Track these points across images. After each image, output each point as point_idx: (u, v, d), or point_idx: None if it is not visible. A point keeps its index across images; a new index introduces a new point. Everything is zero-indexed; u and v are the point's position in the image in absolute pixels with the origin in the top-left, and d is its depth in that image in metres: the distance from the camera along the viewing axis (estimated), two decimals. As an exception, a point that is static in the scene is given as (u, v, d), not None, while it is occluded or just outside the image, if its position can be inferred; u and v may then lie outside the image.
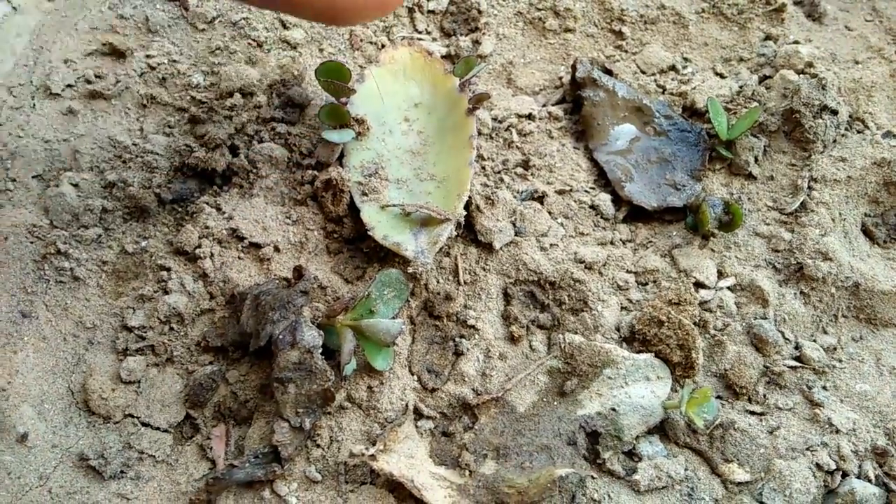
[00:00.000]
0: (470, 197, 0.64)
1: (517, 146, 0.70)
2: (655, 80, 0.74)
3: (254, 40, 0.72)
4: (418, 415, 0.58)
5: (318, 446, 0.55)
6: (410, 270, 0.59)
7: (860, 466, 0.57)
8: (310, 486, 0.55)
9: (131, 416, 0.57)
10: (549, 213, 0.67)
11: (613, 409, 0.56)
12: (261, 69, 0.71)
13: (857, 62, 0.75)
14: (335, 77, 0.65)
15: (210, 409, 0.58)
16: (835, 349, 0.63)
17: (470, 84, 0.69)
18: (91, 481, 0.55)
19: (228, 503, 0.54)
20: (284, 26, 0.73)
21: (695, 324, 0.60)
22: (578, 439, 0.55)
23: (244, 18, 0.72)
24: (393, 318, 0.59)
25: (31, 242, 0.62)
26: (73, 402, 0.57)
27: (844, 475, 0.56)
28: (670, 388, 0.57)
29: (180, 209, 0.65)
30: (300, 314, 0.56)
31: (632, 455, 0.57)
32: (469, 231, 0.65)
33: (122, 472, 0.55)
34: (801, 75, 0.69)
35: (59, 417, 0.57)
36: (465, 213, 0.62)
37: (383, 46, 0.76)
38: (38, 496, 0.53)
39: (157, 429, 0.57)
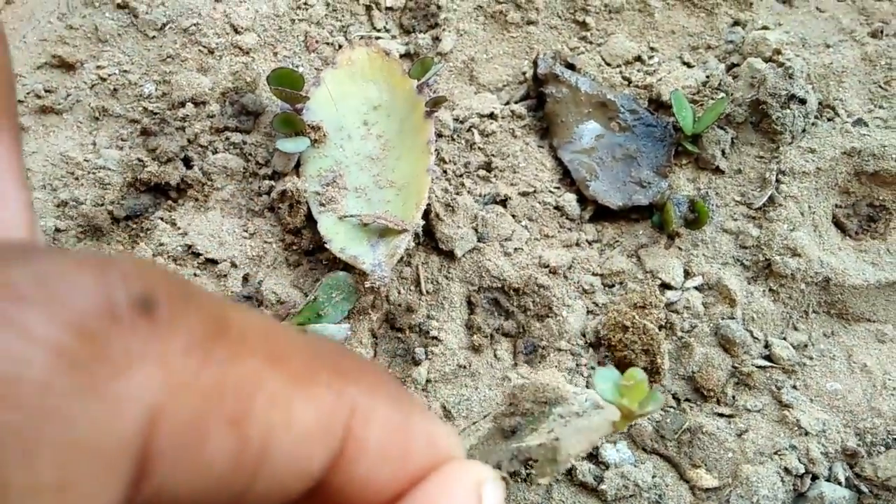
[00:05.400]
0: (429, 204, 0.62)
1: (479, 147, 0.68)
2: (621, 72, 0.72)
3: (205, 47, 0.70)
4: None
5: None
6: (368, 284, 0.58)
7: (830, 469, 0.56)
8: None
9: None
10: (513, 216, 0.65)
11: (556, 439, 0.52)
12: (213, 77, 0.69)
13: (828, 46, 0.73)
14: (287, 84, 0.64)
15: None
16: (805, 346, 0.61)
17: (428, 85, 0.67)
18: None
19: None
20: (236, 31, 0.71)
21: (660, 327, 0.59)
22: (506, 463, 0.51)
23: (195, 24, 0.70)
24: (342, 321, 0.58)
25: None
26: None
27: (814, 478, 0.56)
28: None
29: (134, 226, 0.64)
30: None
31: (598, 463, 0.56)
32: (430, 239, 0.63)
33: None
34: (769, 63, 0.67)
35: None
36: (423, 222, 0.61)
37: (340, 47, 0.74)
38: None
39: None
